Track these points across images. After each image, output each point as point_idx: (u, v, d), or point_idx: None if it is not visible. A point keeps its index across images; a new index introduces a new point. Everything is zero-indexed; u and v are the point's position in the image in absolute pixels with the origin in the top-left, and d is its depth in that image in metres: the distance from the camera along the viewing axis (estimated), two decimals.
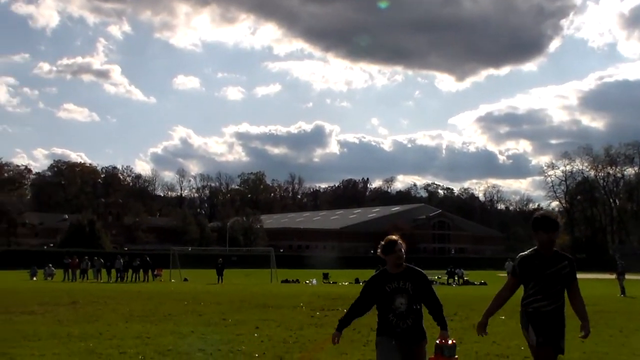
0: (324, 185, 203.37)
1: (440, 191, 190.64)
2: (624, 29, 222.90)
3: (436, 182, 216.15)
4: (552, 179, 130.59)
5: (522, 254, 6.50)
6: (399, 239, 6.55)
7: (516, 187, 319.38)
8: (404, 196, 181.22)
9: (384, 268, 6.64)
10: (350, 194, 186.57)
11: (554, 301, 6.28)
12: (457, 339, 13.37)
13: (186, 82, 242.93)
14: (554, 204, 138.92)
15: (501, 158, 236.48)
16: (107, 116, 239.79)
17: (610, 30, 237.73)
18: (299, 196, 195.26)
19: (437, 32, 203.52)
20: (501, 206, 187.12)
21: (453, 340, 6.64)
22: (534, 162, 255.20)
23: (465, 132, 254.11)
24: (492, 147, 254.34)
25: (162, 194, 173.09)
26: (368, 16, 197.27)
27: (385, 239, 6.58)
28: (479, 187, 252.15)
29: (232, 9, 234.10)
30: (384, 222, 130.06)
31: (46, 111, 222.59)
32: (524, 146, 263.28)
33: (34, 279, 48.48)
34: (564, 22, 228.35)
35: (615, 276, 35.57)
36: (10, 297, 26.40)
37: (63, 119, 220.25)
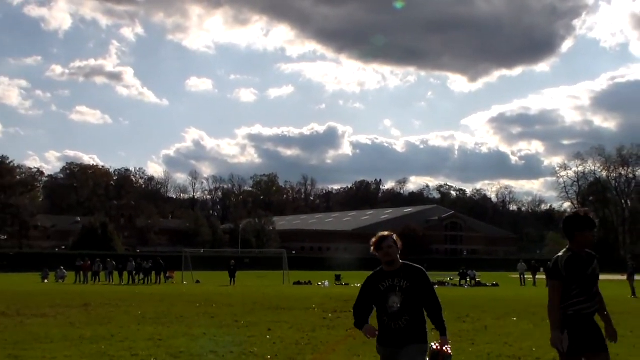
0: (336, 187, 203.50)
1: (453, 192, 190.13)
2: (636, 29, 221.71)
3: (449, 184, 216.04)
4: (565, 179, 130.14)
5: (559, 255, 6.09)
6: (391, 235, 6.25)
7: (528, 188, 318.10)
8: (417, 197, 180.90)
9: (381, 267, 6.35)
10: (363, 195, 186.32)
11: (594, 303, 6.08)
12: (469, 341, 13.40)
13: (199, 84, 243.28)
14: (566, 205, 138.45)
15: (513, 159, 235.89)
16: (120, 118, 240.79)
17: (622, 31, 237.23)
18: (311, 198, 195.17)
19: (449, 33, 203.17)
20: (513, 207, 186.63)
21: (449, 350, 6.15)
22: (546, 162, 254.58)
23: (478, 133, 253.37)
24: (505, 148, 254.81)
25: (174, 196, 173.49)
26: (381, 17, 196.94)
27: (377, 234, 6.32)
28: (491, 188, 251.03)
29: (244, 10, 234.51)
30: (396, 224, 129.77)
31: (59, 114, 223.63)
32: (536, 147, 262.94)
33: (45, 281, 48.68)
34: (577, 22, 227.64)
35: (626, 277, 35.38)
36: (22, 299, 26.50)
37: (75, 121, 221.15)
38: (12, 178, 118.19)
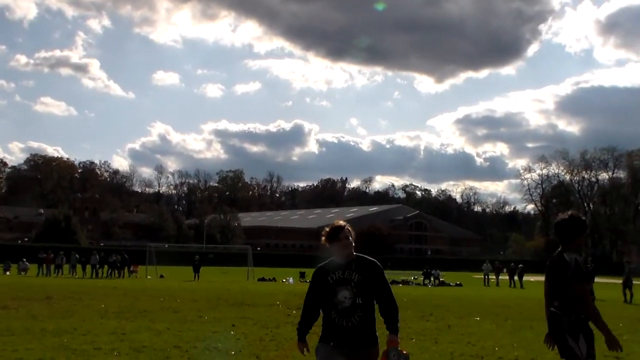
0: (302, 184, 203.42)
1: (418, 192, 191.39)
2: (600, 35, 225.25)
3: (414, 183, 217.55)
4: (529, 182, 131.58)
5: (573, 257, 5.78)
6: (346, 226, 5.66)
7: (493, 190, 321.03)
8: (382, 196, 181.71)
9: (331, 258, 5.71)
10: (329, 193, 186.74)
11: None
12: (433, 339, 13.51)
13: (165, 78, 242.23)
14: (530, 207, 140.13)
15: (478, 160, 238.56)
16: (85, 111, 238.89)
17: (587, 37, 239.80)
18: (277, 195, 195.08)
19: (417, 34, 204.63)
20: (478, 208, 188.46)
21: (405, 351, 5.41)
22: (510, 165, 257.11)
23: (444, 134, 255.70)
24: (470, 149, 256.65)
25: (139, 190, 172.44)
26: (349, 16, 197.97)
27: (331, 224, 5.73)
28: (456, 189, 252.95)
29: (212, 5, 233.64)
30: (361, 222, 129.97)
31: (23, 104, 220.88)
32: (501, 149, 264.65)
33: (7, 273, 48.07)
34: (543, 27, 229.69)
35: None
36: None
37: (40, 112, 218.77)
38: None
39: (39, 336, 12.71)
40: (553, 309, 5.84)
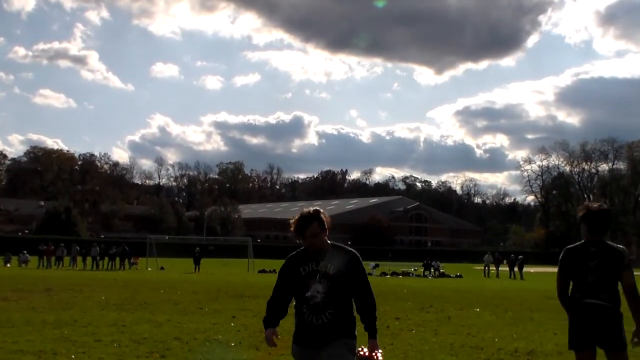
0: (302, 176, 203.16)
1: (418, 184, 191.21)
2: (599, 26, 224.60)
3: (414, 175, 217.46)
4: (529, 173, 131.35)
5: (623, 247, 5.78)
6: (316, 215, 5.07)
7: (492, 181, 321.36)
8: (382, 188, 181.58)
9: (305, 247, 5.21)
10: (329, 185, 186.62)
11: None
12: (433, 331, 13.54)
13: (164, 70, 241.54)
14: (530, 199, 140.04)
15: (478, 152, 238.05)
16: (84, 103, 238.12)
17: (587, 28, 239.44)
18: (277, 186, 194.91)
19: (416, 25, 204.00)
20: (478, 200, 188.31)
21: (380, 356, 5.06)
22: (510, 156, 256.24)
23: (443, 126, 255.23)
24: (470, 141, 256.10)
25: (139, 182, 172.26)
26: (348, 8, 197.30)
27: (299, 213, 5.16)
28: (456, 180, 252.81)
29: None
30: (361, 214, 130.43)
31: (22, 96, 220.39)
32: (501, 140, 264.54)
33: (7, 265, 48.13)
34: (542, 18, 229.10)
35: None
36: None
37: (39, 104, 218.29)
38: None
39: (39, 328, 12.74)
40: (600, 301, 5.64)
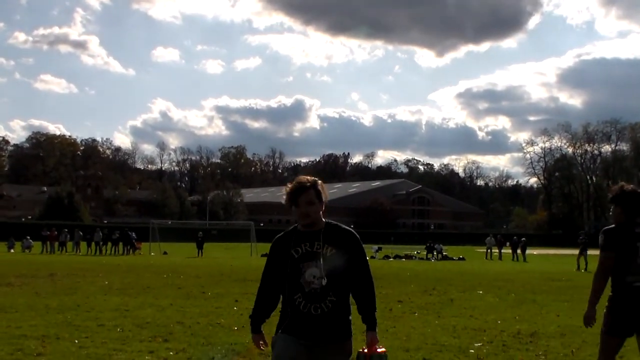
0: (304, 160, 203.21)
1: (421, 167, 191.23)
2: (602, 6, 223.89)
3: (416, 158, 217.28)
4: (531, 155, 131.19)
5: None
6: (313, 184, 4.57)
7: (495, 164, 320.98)
8: (384, 171, 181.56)
9: (295, 225, 4.69)
10: (331, 168, 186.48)
11: None
12: (435, 313, 13.54)
13: (165, 54, 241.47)
14: (533, 181, 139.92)
15: (480, 134, 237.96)
16: (86, 88, 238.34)
17: (588, 8, 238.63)
18: (279, 170, 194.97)
19: (417, 7, 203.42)
20: (480, 182, 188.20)
21: (383, 349, 4.42)
22: (512, 138, 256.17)
23: (445, 108, 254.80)
24: (472, 123, 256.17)
25: (141, 167, 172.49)
26: None
27: (294, 181, 4.68)
28: (458, 163, 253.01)
29: None
30: (364, 197, 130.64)
31: (23, 82, 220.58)
32: (503, 122, 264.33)
33: (11, 251, 48.19)
34: None
35: (578, 252, 35.46)
36: None
37: (40, 90, 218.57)
38: None
39: (42, 313, 12.75)
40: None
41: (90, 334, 10.34)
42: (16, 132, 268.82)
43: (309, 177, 4.62)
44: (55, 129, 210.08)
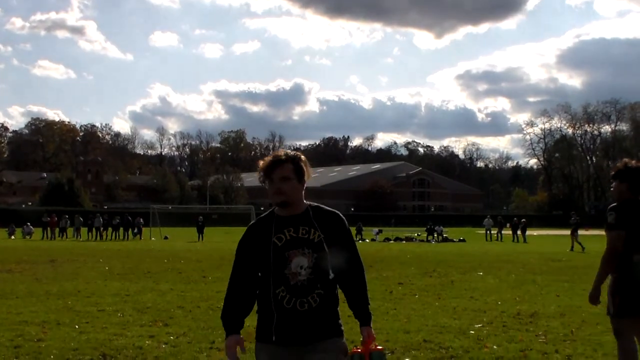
0: (304, 143, 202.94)
1: (420, 149, 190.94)
2: None
3: (416, 140, 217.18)
4: (531, 136, 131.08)
5: None
6: (292, 159, 3.91)
7: (495, 145, 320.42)
8: (384, 154, 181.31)
9: (271, 209, 4.03)
10: (331, 152, 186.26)
11: None
12: (436, 295, 13.55)
13: (163, 38, 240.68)
14: (533, 162, 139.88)
15: (480, 116, 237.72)
16: (84, 73, 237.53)
17: None
18: None
19: None
20: (480, 164, 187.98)
21: (381, 347, 3.95)
22: (512, 119, 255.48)
23: (444, 90, 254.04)
24: (471, 105, 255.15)
25: (141, 152, 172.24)
26: None
27: (270, 156, 4.04)
28: (458, 145, 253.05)
29: None
30: (364, 180, 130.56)
31: (20, 68, 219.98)
32: (502, 104, 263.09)
33: (12, 237, 48.23)
34: None
35: (570, 232, 35.55)
36: None
37: (38, 75, 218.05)
38: None
39: (43, 299, 12.77)
40: None
41: (91, 319, 10.36)
42: (15, 119, 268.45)
43: (289, 151, 3.99)
44: (54, 114, 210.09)
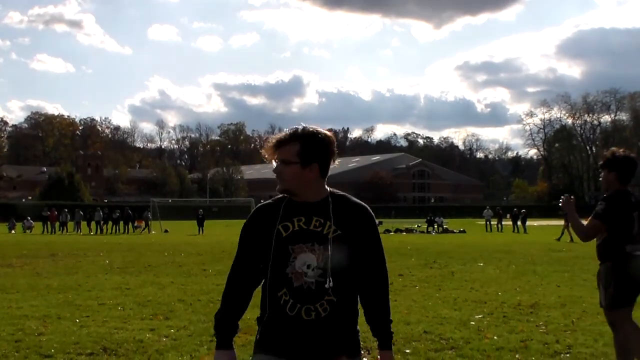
0: None
1: (420, 140, 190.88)
2: None
3: (415, 131, 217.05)
4: (531, 127, 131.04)
5: None
6: (308, 136, 3.18)
7: (494, 136, 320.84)
8: (384, 145, 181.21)
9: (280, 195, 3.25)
10: None
11: None
12: (436, 286, 13.56)
13: (162, 31, 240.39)
14: (532, 152, 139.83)
15: (479, 106, 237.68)
16: (82, 67, 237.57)
17: None
18: None
19: None
20: (480, 155, 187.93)
21: None
22: (511, 110, 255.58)
23: (443, 81, 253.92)
24: (470, 96, 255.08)
25: (141, 146, 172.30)
26: None
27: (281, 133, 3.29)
28: (458, 136, 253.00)
29: None
30: (364, 172, 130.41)
31: (19, 62, 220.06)
32: (501, 94, 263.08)
33: (12, 232, 48.25)
34: None
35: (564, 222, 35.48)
36: None
37: (37, 70, 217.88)
38: None
39: (43, 293, 12.77)
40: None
41: (91, 313, 10.36)
42: (14, 113, 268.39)
43: (305, 127, 3.24)
44: (53, 108, 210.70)
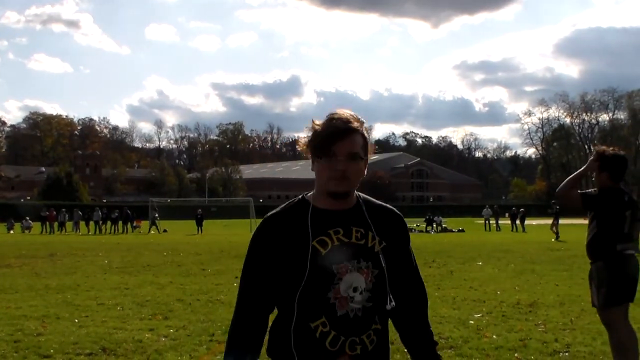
0: (302, 135, 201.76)
1: (419, 139, 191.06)
2: None
3: (414, 131, 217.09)
4: (529, 126, 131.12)
5: None
6: (357, 127, 2.63)
7: (492, 135, 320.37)
8: (382, 145, 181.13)
9: (303, 197, 2.70)
10: None
11: None
12: (435, 286, 13.56)
13: (159, 31, 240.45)
14: (531, 151, 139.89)
15: (477, 106, 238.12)
16: (80, 67, 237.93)
17: None
18: (277, 146, 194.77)
19: None
20: (479, 154, 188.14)
21: None
22: (509, 109, 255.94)
23: (441, 80, 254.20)
24: (469, 95, 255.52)
25: (139, 146, 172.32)
26: None
27: (329, 115, 2.71)
28: (456, 135, 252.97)
29: None
30: None
31: (16, 62, 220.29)
32: (499, 93, 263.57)
33: (10, 232, 48.17)
34: None
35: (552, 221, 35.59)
36: None
37: (34, 70, 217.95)
38: None
39: (42, 293, 12.77)
40: (635, 252, 5.58)
41: (90, 313, 10.36)
42: (12, 113, 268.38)
43: (353, 114, 2.71)
44: (51, 108, 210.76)
